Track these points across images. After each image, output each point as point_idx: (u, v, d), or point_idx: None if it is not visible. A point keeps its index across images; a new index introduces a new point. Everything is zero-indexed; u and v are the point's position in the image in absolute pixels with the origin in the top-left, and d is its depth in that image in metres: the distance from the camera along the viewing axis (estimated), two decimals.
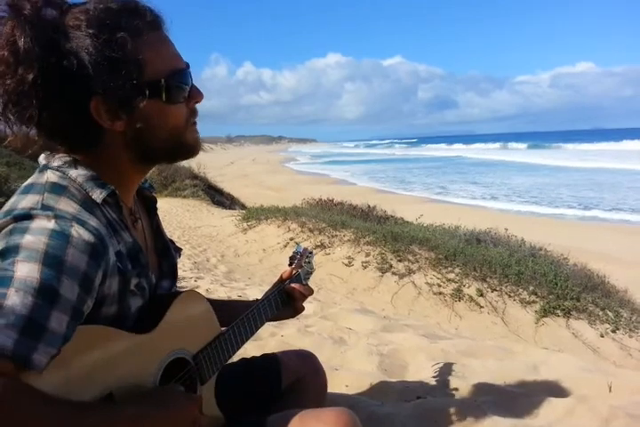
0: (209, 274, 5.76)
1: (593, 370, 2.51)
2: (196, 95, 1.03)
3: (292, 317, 1.54)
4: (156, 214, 1.23)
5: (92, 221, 0.90)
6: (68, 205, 0.90)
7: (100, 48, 0.88)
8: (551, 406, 2.00)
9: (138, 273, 1.00)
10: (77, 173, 0.96)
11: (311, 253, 1.68)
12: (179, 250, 1.27)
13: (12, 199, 0.91)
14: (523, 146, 76.46)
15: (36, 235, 0.81)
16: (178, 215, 11.81)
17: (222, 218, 10.74)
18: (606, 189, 22.13)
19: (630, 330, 4.85)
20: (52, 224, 0.83)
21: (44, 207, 0.87)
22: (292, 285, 1.51)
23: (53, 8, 0.90)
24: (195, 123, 1.05)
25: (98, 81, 0.89)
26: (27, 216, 0.84)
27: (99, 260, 0.86)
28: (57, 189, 0.92)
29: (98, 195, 0.96)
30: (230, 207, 14.96)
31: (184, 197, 15.18)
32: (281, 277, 1.55)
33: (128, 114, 0.94)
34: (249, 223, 8.98)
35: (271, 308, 1.42)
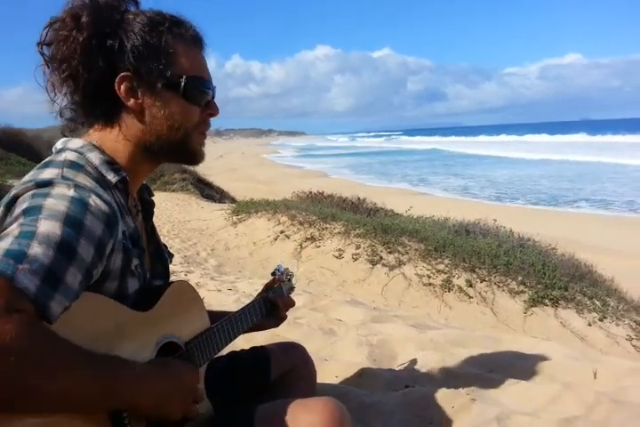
0: (199, 268, 5.75)
1: (579, 358, 2.55)
2: (213, 107, 1.13)
3: (276, 326, 1.59)
4: (152, 218, 1.26)
5: (107, 196, 0.96)
6: (85, 180, 0.96)
7: (142, 34, 1.02)
8: (537, 393, 2.04)
9: (138, 254, 1.04)
10: (94, 156, 1.03)
11: (292, 273, 1.73)
12: (171, 255, 1.30)
13: (31, 173, 0.97)
14: (500, 138, 77.39)
15: (58, 199, 0.86)
16: (167, 209, 11.77)
17: (212, 212, 10.71)
18: (587, 181, 22.45)
19: (617, 318, 4.90)
20: (71, 192, 0.89)
21: (65, 178, 0.93)
22: (276, 295, 1.57)
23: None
24: (204, 134, 1.13)
25: (130, 59, 1.01)
26: (48, 183, 0.90)
27: (112, 229, 0.92)
28: (75, 166, 0.99)
29: (111, 177, 1.02)
30: (220, 201, 14.92)
31: (173, 190, 15.12)
32: (265, 286, 1.60)
33: (145, 95, 1.04)
34: (239, 217, 8.96)
35: (255, 313, 1.47)
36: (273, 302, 1.54)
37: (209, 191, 16.34)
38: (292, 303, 1.59)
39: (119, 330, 0.92)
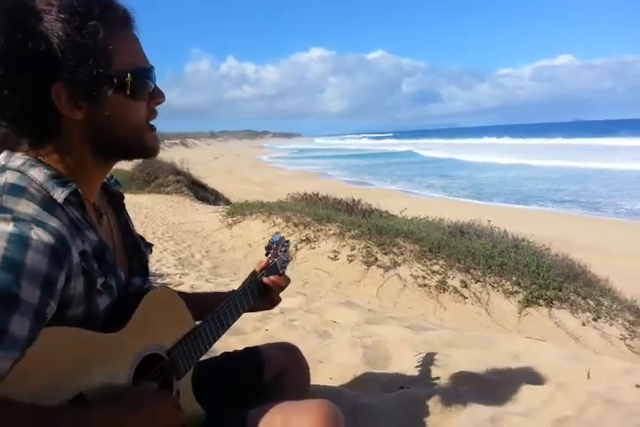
0: (194, 270, 5.74)
1: (572, 358, 2.56)
2: (157, 95, 1.03)
3: (270, 308, 1.53)
4: (124, 210, 1.21)
5: (53, 222, 0.87)
6: (27, 207, 0.87)
7: (70, 33, 0.87)
8: (531, 394, 2.04)
9: (104, 272, 0.98)
10: (37, 173, 0.93)
11: (287, 241, 1.65)
12: (149, 246, 1.25)
13: None
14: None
15: None
16: (162, 212, 11.75)
17: (207, 214, 10.70)
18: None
19: (611, 318, 4.93)
20: (10, 227, 0.81)
21: (3, 210, 0.85)
22: (270, 277, 1.49)
23: None
24: (153, 127, 1.05)
25: (64, 66, 0.87)
26: None
27: (60, 261, 0.84)
28: (16, 190, 0.89)
29: (59, 194, 0.93)
30: (215, 203, 14.89)
31: (167, 193, 15.08)
32: (258, 266, 1.52)
33: (90, 104, 0.92)
34: (234, 218, 8.96)
35: (247, 300, 1.40)
36: (266, 286, 1.47)
37: (203, 193, 16.30)
38: (286, 283, 1.51)
39: (88, 360, 0.88)
